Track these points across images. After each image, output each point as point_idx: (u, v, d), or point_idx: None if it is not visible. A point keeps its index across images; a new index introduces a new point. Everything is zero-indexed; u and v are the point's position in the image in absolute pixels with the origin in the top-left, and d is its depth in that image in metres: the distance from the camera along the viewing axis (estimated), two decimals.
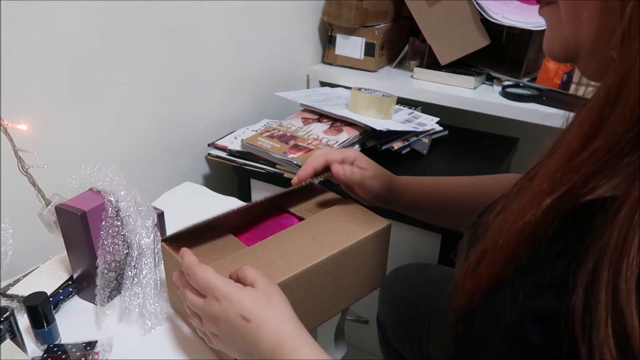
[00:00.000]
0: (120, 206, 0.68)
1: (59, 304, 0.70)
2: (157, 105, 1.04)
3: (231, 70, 1.22)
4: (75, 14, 0.83)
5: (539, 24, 1.21)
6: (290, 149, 1.08)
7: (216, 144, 1.17)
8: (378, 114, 1.19)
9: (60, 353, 0.61)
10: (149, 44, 0.98)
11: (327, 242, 0.64)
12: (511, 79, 1.30)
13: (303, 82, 1.52)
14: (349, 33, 1.42)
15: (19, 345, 0.60)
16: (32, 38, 0.78)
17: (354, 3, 1.34)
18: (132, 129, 1.00)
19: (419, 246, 1.07)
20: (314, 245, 0.64)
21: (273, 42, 1.34)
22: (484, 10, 1.24)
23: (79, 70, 0.86)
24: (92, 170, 0.69)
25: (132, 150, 1.01)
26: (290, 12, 1.37)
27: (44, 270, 0.74)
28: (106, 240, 0.68)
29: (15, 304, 0.69)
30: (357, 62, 1.45)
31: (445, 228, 1.01)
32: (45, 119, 0.83)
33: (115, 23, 0.90)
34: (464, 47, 1.30)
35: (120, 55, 0.93)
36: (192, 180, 1.12)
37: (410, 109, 1.32)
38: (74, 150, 0.89)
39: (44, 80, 0.82)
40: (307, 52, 1.49)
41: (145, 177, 1.06)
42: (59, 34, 0.82)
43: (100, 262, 0.67)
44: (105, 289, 0.69)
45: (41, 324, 0.62)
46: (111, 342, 0.64)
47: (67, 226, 0.67)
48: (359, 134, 1.14)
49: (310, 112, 1.25)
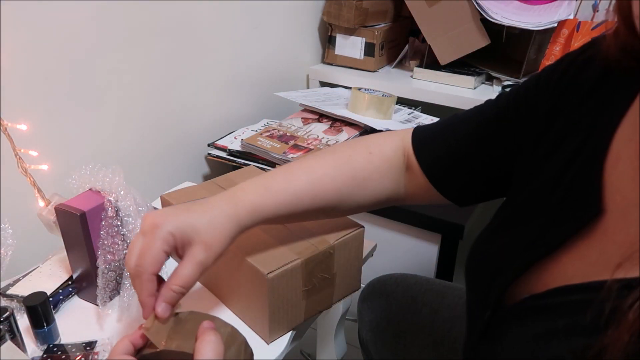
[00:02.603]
0: (120, 206, 0.68)
1: (59, 304, 0.70)
2: (157, 105, 1.04)
3: (231, 70, 1.22)
4: (75, 14, 0.83)
5: (539, 24, 1.21)
6: (290, 149, 1.08)
7: (216, 144, 1.17)
8: (378, 114, 1.19)
9: (60, 353, 0.61)
10: (149, 43, 0.98)
11: (300, 246, 0.64)
12: (511, 79, 1.30)
13: (303, 82, 1.52)
14: (349, 33, 1.42)
15: (18, 345, 0.60)
16: (32, 38, 0.78)
17: (354, 3, 1.34)
18: (132, 129, 1.00)
19: (419, 246, 1.07)
20: (286, 249, 0.63)
21: (273, 42, 1.34)
22: (483, 10, 1.24)
23: (79, 71, 0.87)
24: (92, 170, 0.69)
25: (132, 150, 1.01)
26: (290, 12, 1.37)
27: (44, 270, 0.74)
28: (106, 240, 0.68)
29: (15, 304, 0.69)
30: (357, 62, 1.45)
31: (444, 228, 1.01)
32: (45, 119, 0.83)
33: (115, 23, 0.90)
34: (464, 47, 1.30)
35: (120, 55, 0.93)
36: (192, 180, 1.12)
37: (410, 109, 1.32)
38: (73, 150, 0.89)
39: (44, 80, 0.82)
40: (307, 52, 1.49)
41: (145, 177, 1.06)
42: (59, 34, 0.82)
43: (100, 262, 0.67)
44: (105, 289, 0.69)
45: (41, 324, 0.62)
46: (111, 342, 0.64)
47: (67, 226, 0.67)
48: (359, 134, 1.14)
49: (310, 112, 1.25)
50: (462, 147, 0.58)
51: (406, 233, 1.07)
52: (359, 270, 0.73)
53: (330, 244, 0.65)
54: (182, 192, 0.78)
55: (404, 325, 0.82)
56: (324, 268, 0.66)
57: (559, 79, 0.50)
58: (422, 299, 0.83)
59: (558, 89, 0.50)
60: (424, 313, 0.81)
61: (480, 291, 0.52)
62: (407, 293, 0.85)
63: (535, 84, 0.53)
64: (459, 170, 0.59)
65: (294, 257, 0.62)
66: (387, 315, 0.84)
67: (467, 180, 0.60)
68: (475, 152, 0.58)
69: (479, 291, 0.52)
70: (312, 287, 0.66)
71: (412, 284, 0.86)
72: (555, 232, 0.44)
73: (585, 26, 1.18)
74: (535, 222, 0.47)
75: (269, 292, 0.60)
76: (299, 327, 0.68)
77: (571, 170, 0.46)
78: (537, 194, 0.49)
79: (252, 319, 0.67)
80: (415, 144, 0.62)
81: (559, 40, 1.23)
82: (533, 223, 0.47)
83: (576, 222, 0.43)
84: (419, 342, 0.80)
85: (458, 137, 0.59)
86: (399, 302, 0.84)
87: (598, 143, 0.44)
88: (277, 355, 0.64)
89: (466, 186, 0.60)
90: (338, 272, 0.69)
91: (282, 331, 0.65)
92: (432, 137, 0.62)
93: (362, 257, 0.72)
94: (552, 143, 0.49)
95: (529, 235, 0.47)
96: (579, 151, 0.46)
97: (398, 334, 0.82)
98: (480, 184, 0.60)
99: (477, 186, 0.60)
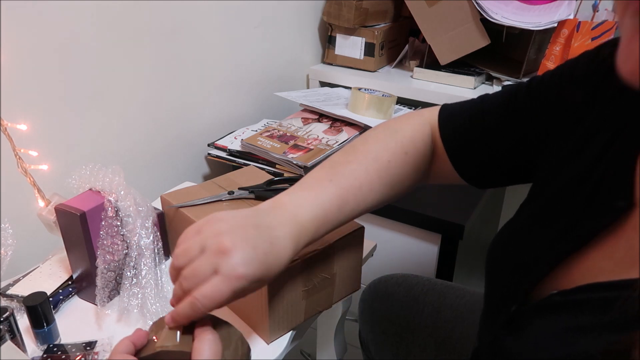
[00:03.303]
0: (119, 206, 0.68)
1: (59, 304, 0.70)
2: (157, 105, 1.04)
3: (231, 70, 1.22)
4: (75, 14, 0.83)
5: (539, 24, 1.21)
6: (290, 149, 1.08)
7: (216, 144, 1.17)
8: (378, 114, 1.19)
9: (60, 353, 0.61)
10: (149, 43, 0.98)
11: None
12: (511, 79, 1.30)
13: (303, 82, 1.52)
14: (349, 33, 1.42)
15: (18, 345, 0.60)
16: (32, 38, 0.78)
17: (354, 3, 1.34)
18: (131, 129, 1.00)
19: (419, 246, 1.07)
20: None
21: (273, 42, 1.34)
22: (483, 10, 1.24)
23: (79, 71, 0.86)
24: (92, 170, 0.69)
25: (132, 150, 1.01)
26: (290, 12, 1.37)
27: (44, 270, 0.74)
28: (106, 240, 0.68)
29: (15, 304, 0.69)
30: (357, 62, 1.45)
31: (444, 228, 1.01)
32: (45, 119, 0.83)
33: (115, 23, 0.90)
34: (464, 47, 1.30)
35: (120, 55, 0.93)
36: (192, 180, 1.12)
37: (410, 109, 1.32)
38: (73, 150, 0.89)
39: (44, 80, 0.82)
40: (307, 52, 1.49)
41: (145, 177, 1.06)
42: (59, 34, 0.82)
43: (100, 262, 0.67)
44: (104, 289, 0.69)
45: (41, 324, 0.62)
46: (111, 342, 0.64)
47: (67, 226, 0.67)
48: (359, 133, 1.14)
49: (310, 112, 1.25)
50: (485, 124, 0.58)
51: (406, 233, 1.07)
52: (359, 270, 0.73)
53: (330, 244, 0.65)
54: (182, 192, 0.78)
55: (405, 325, 0.82)
56: (324, 268, 0.66)
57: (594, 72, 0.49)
58: (423, 299, 0.83)
59: (593, 82, 0.49)
60: (426, 313, 0.81)
61: (504, 285, 0.52)
62: (409, 293, 0.85)
63: (569, 74, 0.52)
64: (478, 147, 0.59)
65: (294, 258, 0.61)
66: (389, 315, 0.84)
67: (485, 159, 0.59)
68: (497, 131, 0.57)
69: (502, 285, 0.52)
70: (312, 287, 0.66)
71: (414, 284, 0.86)
72: (585, 227, 0.44)
73: (585, 26, 1.18)
74: (564, 217, 0.47)
75: (269, 292, 0.60)
76: (299, 327, 0.68)
77: (602, 165, 0.45)
78: (566, 188, 0.48)
79: (252, 319, 0.67)
80: (440, 119, 0.62)
81: (559, 40, 1.23)
82: (562, 218, 0.47)
83: (606, 216, 0.43)
84: (420, 342, 0.80)
85: (484, 114, 0.59)
86: (400, 302, 0.84)
87: (630, 137, 0.44)
88: (277, 355, 0.64)
89: (483, 165, 0.60)
90: (338, 272, 0.68)
91: (282, 331, 0.65)
92: (458, 112, 0.62)
93: (362, 257, 0.72)
94: (582, 137, 0.48)
95: (559, 230, 0.47)
96: (610, 146, 0.45)
97: (399, 334, 0.82)
98: (498, 165, 0.59)
99: (494, 167, 0.60)
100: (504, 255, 0.53)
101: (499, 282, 0.53)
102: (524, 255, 0.50)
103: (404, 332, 0.82)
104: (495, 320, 0.52)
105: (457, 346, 0.77)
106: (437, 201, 1.04)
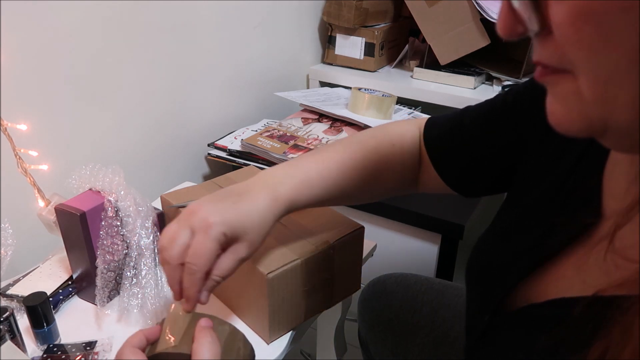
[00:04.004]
0: (119, 206, 0.68)
1: (59, 304, 0.70)
2: (157, 105, 1.04)
3: (231, 70, 1.22)
4: (75, 14, 0.83)
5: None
6: (290, 149, 1.08)
7: (216, 144, 1.17)
8: (378, 114, 1.19)
9: (60, 353, 0.62)
10: (149, 43, 0.98)
11: (300, 246, 0.64)
12: (511, 79, 1.30)
13: (303, 82, 1.52)
14: (349, 33, 1.42)
15: (18, 345, 0.60)
16: (32, 38, 0.78)
17: (354, 3, 1.34)
18: (131, 129, 1.00)
19: (419, 246, 1.07)
20: (286, 249, 0.63)
21: (273, 42, 1.34)
22: (483, 10, 1.24)
23: (79, 71, 0.86)
24: (92, 170, 0.69)
25: (132, 150, 1.01)
26: (290, 12, 1.37)
27: (44, 270, 0.74)
28: (106, 240, 0.68)
29: (15, 304, 0.69)
30: (357, 62, 1.45)
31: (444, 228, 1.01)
32: (45, 119, 0.83)
33: (115, 23, 0.90)
34: (464, 47, 1.30)
35: (120, 55, 0.93)
36: (192, 180, 1.12)
37: (410, 109, 1.32)
38: (73, 150, 0.89)
39: (44, 80, 0.82)
40: (307, 52, 1.49)
41: (145, 177, 1.06)
42: (59, 34, 0.82)
43: (100, 262, 0.67)
44: (104, 289, 0.69)
45: (41, 324, 0.62)
46: (111, 342, 0.64)
47: (67, 226, 0.67)
48: None
49: (310, 112, 1.25)
50: (466, 131, 0.59)
51: (406, 233, 1.07)
52: (359, 271, 0.73)
53: (330, 244, 0.65)
54: (182, 192, 0.78)
55: (404, 325, 0.82)
56: (324, 268, 0.66)
57: None
58: (422, 298, 0.83)
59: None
60: (424, 312, 0.81)
61: (479, 294, 0.52)
62: (407, 292, 0.85)
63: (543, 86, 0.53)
64: (458, 154, 0.60)
65: (294, 257, 0.62)
66: (388, 314, 0.84)
67: (464, 166, 0.60)
68: (477, 139, 0.58)
69: (478, 294, 0.52)
70: (312, 287, 0.66)
71: (412, 284, 0.86)
72: (556, 238, 0.44)
73: None
74: (537, 228, 0.47)
75: (269, 292, 0.60)
76: (299, 327, 0.68)
77: (573, 177, 0.45)
78: (541, 198, 0.48)
79: (252, 319, 0.67)
80: (425, 127, 0.64)
81: None
82: (535, 229, 0.47)
83: (575, 228, 0.42)
84: (419, 341, 0.80)
85: (465, 122, 0.60)
86: (399, 302, 0.84)
87: (597, 151, 0.44)
88: (277, 355, 0.64)
89: (465, 172, 0.61)
90: (338, 272, 0.68)
91: (282, 331, 0.65)
92: (442, 120, 0.63)
93: (362, 257, 0.72)
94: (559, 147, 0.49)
95: (531, 241, 0.47)
96: (582, 158, 0.45)
97: (399, 333, 0.82)
98: (480, 173, 0.60)
99: (477, 175, 0.61)
100: (479, 263, 0.53)
101: (475, 290, 0.53)
102: (499, 265, 0.50)
103: (403, 331, 0.82)
104: (472, 330, 0.52)
105: (455, 345, 0.77)
106: (437, 201, 1.04)
